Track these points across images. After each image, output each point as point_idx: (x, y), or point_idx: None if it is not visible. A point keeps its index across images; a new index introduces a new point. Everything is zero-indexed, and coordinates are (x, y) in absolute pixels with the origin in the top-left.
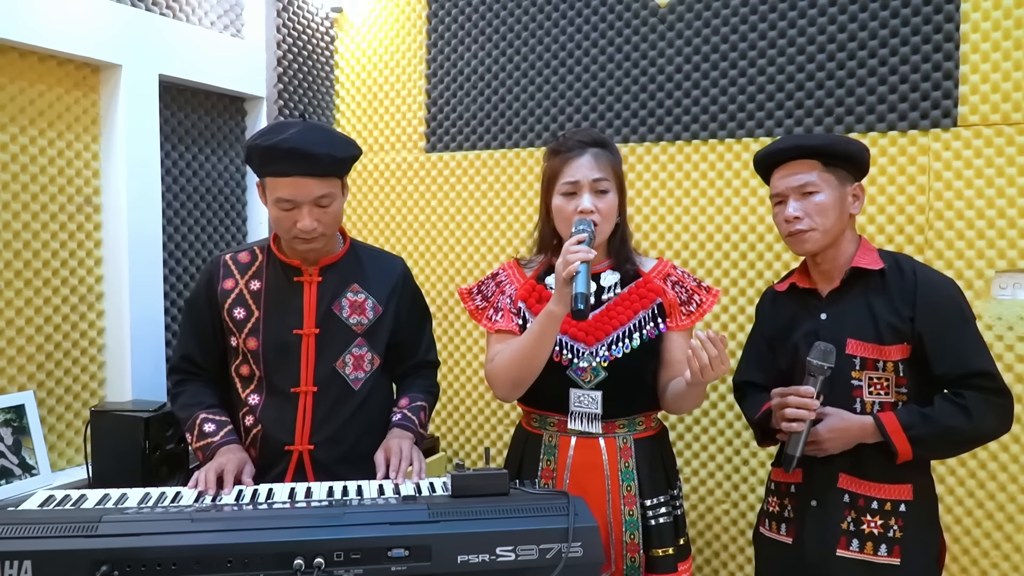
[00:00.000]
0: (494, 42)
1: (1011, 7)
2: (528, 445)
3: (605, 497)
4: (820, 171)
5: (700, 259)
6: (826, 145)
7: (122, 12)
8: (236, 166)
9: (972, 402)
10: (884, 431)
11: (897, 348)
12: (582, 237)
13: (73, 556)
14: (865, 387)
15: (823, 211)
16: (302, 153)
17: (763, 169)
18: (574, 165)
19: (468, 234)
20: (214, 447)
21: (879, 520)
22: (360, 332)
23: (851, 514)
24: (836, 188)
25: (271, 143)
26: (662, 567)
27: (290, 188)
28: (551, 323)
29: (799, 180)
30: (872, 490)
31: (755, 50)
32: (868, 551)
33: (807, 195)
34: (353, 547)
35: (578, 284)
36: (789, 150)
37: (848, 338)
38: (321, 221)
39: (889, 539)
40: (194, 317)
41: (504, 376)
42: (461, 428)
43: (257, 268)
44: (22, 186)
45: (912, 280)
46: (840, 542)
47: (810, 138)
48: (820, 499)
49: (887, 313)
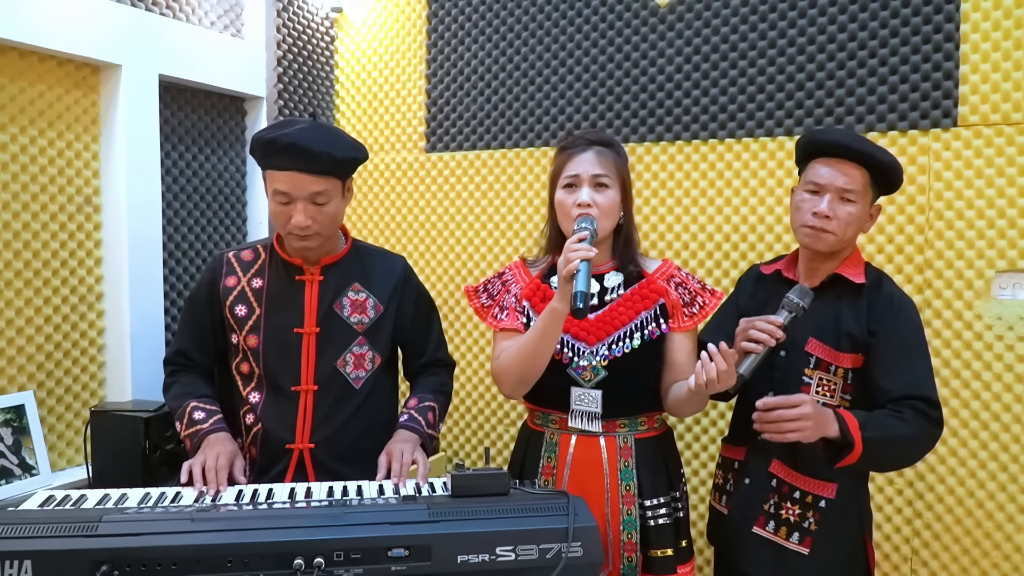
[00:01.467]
0: (494, 42)
1: (1011, 7)
2: (531, 442)
3: (604, 496)
4: (867, 183)
5: (700, 259)
6: (888, 164)
7: (122, 12)
8: (236, 166)
9: (911, 420)
10: (844, 425)
11: (850, 357)
12: (583, 235)
13: (73, 556)
14: (814, 386)
15: (850, 222)
16: (300, 149)
17: (813, 152)
18: (576, 160)
19: (468, 234)
20: (202, 434)
21: (797, 509)
22: (361, 331)
23: (774, 497)
24: (867, 205)
25: (272, 136)
26: (660, 568)
27: (286, 182)
28: (555, 320)
29: (848, 183)
30: (798, 481)
31: (755, 50)
32: (781, 535)
33: (845, 200)
34: (353, 547)
35: (578, 282)
36: (856, 152)
37: (809, 336)
38: (316, 220)
39: (803, 529)
40: (194, 313)
41: (510, 372)
42: (461, 428)
43: (260, 266)
44: (22, 186)
45: (887, 299)
46: (759, 520)
47: (877, 149)
48: (752, 478)
49: (850, 323)
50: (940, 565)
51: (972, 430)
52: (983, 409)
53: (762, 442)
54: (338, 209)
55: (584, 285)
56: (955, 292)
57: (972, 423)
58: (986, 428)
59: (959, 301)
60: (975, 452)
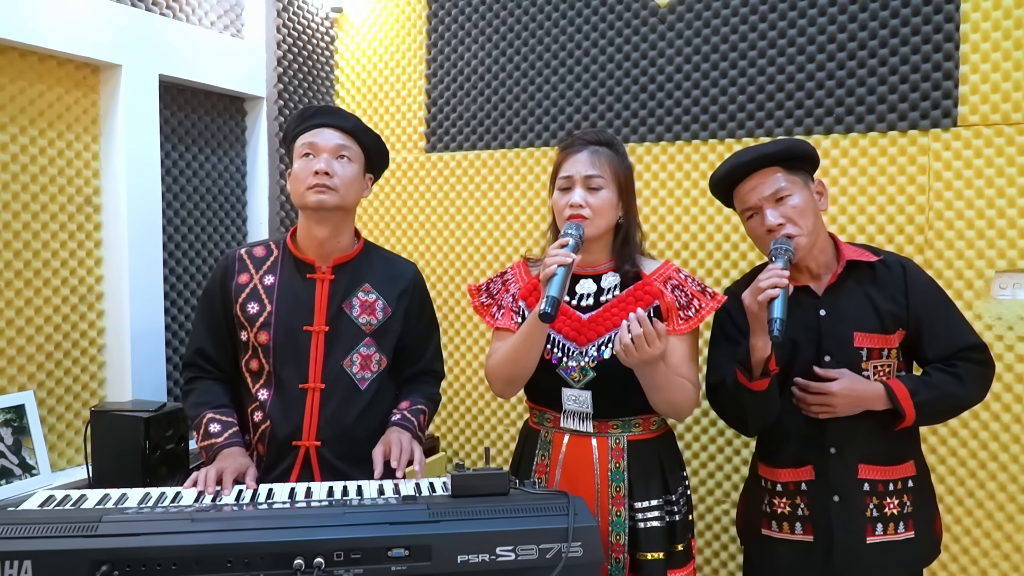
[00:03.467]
0: (494, 42)
1: (1011, 7)
2: (528, 440)
3: (594, 496)
4: (785, 175)
5: (700, 259)
6: (786, 149)
7: (122, 12)
8: (236, 166)
9: (964, 371)
10: (894, 397)
11: (897, 335)
12: (565, 241)
13: (73, 556)
14: (871, 376)
15: (802, 213)
16: (331, 109)
17: (724, 188)
18: (571, 160)
19: (468, 234)
20: (216, 448)
21: (895, 500)
22: (369, 332)
23: (872, 500)
24: (804, 188)
25: (308, 107)
26: (648, 571)
27: (314, 136)
28: (538, 325)
29: (770, 188)
30: (888, 473)
31: (755, 50)
32: (891, 531)
33: (781, 201)
34: (353, 547)
35: (551, 287)
36: (751, 161)
37: (854, 331)
38: (336, 173)
39: (904, 516)
40: (208, 311)
41: (498, 373)
42: (461, 428)
43: (272, 263)
44: (22, 186)
45: (900, 271)
46: (867, 529)
47: (766, 147)
48: (841, 493)
49: (885, 301)
50: (939, 565)
51: (972, 430)
52: (983, 409)
53: (836, 454)
54: (357, 177)
55: (556, 291)
56: (955, 292)
57: (972, 423)
58: (986, 428)
59: (959, 301)
60: (975, 452)
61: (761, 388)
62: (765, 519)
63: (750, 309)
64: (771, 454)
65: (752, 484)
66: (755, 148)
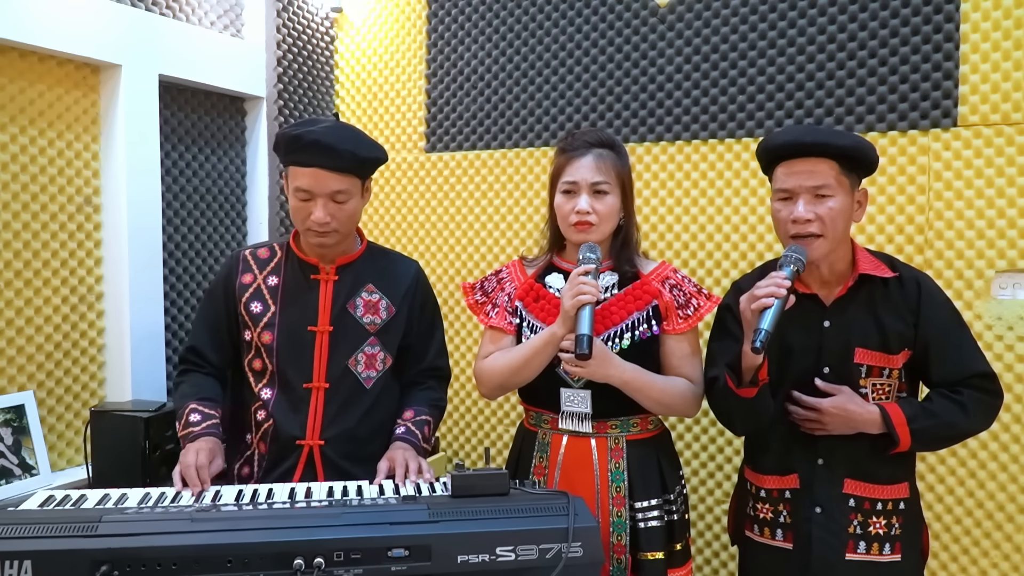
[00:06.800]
0: (494, 42)
1: (1011, 7)
2: (525, 442)
3: (594, 497)
4: (838, 173)
5: (700, 259)
6: (853, 147)
7: (122, 12)
8: (236, 166)
9: (969, 399)
10: (890, 423)
11: (901, 356)
12: (589, 268)
13: (73, 556)
14: (869, 394)
15: (834, 218)
16: (324, 146)
17: (771, 159)
18: (575, 165)
19: (468, 234)
20: (191, 437)
21: (883, 520)
22: (373, 331)
23: (857, 517)
24: (848, 194)
25: (298, 133)
26: (650, 571)
27: (308, 179)
28: (551, 341)
29: (816, 180)
30: (877, 492)
31: (755, 50)
32: (875, 551)
33: (821, 198)
34: (353, 547)
35: (582, 325)
36: (811, 145)
37: (856, 347)
38: (335, 217)
39: (892, 537)
40: (210, 309)
41: (492, 378)
42: (461, 428)
43: (276, 264)
44: (22, 186)
45: (915, 289)
46: (848, 545)
47: (834, 136)
48: (824, 505)
49: (894, 321)
50: (939, 565)
51: None
52: None
53: (823, 465)
54: (356, 208)
55: (588, 328)
56: (955, 292)
57: None
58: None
59: (959, 301)
60: (975, 452)
61: (749, 396)
62: (749, 522)
63: (744, 314)
64: (758, 459)
65: (740, 486)
66: (821, 132)
